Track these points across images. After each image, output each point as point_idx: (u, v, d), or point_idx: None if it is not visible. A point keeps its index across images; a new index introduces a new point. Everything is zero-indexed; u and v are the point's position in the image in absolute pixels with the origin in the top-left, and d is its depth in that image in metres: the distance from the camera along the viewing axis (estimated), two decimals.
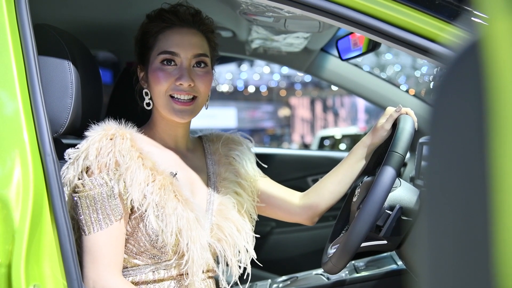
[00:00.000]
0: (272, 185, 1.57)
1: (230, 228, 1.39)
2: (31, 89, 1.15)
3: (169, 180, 1.30)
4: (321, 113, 27.35)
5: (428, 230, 0.34)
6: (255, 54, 2.60)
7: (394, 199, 1.31)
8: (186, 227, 1.28)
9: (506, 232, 0.29)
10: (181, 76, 1.34)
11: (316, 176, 2.66)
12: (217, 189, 1.45)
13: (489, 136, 0.30)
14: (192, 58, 1.36)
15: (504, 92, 0.29)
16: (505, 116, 0.29)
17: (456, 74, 0.32)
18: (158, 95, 1.36)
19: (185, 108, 1.35)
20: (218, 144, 1.53)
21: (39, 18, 1.42)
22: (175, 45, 1.36)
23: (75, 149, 1.29)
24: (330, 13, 1.15)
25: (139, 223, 1.28)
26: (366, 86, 2.55)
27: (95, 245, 1.24)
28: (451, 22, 1.11)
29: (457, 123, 0.32)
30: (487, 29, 0.30)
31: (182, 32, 1.38)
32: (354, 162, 1.48)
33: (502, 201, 0.30)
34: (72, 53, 1.36)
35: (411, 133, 1.33)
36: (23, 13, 1.17)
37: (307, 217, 1.54)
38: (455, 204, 0.33)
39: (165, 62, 1.35)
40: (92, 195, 1.24)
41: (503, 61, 0.29)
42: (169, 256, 1.30)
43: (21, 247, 1.05)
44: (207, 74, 1.39)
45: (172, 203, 1.28)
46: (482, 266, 0.30)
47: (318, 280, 1.72)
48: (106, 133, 1.28)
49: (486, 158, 0.30)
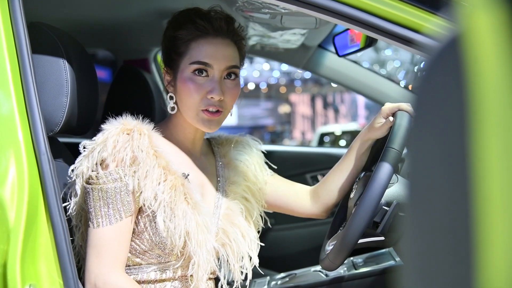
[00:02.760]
0: (281, 183, 1.58)
1: (235, 234, 1.38)
2: (25, 87, 1.15)
3: (181, 181, 1.29)
4: (322, 110, 27.36)
5: (410, 225, 0.34)
6: (252, 51, 2.60)
7: (391, 195, 1.31)
8: (194, 230, 1.26)
9: (490, 229, 0.29)
10: (213, 90, 1.31)
11: (315, 173, 2.66)
12: (225, 193, 1.45)
13: (472, 128, 0.29)
14: (224, 70, 1.33)
15: (485, 86, 0.28)
16: (486, 109, 0.29)
17: (438, 67, 0.32)
18: (188, 106, 1.33)
19: (213, 119, 1.33)
20: (228, 147, 1.53)
21: (33, 16, 1.41)
22: (209, 56, 1.32)
23: (91, 141, 1.27)
24: (318, 6, 1.15)
25: (146, 222, 1.26)
26: (364, 82, 2.54)
27: (102, 239, 1.22)
28: (435, 12, 1.11)
29: (439, 115, 0.32)
30: (469, 21, 0.30)
31: (216, 42, 1.34)
32: (354, 157, 1.49)
33: (486, 195, 0.30)
34: (67, 51, 1.36)
35: (407, 129, 1.33)
36: (17, 11, 1.17)
37: (318, 210, 1.56)
38: (437, 197, 0.33)
39: (196, 73, 1.32)
40: (105, 188, 1.22)
41: (485, 55, 0.28)
42: (173, 258, 1.30)
43: (16, 247, 1.05)
44: (236, 87, 1.37)
45: (182, 205, 1.27)
46: (465, 263, 0.30)
47: (317, 276, 1.72)
48: (124, 127, 1.26)
49: (468, 152, 0.30)
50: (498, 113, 0.29)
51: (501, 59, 0.29)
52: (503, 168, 0.30)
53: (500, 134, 0.29)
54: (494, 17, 0.29)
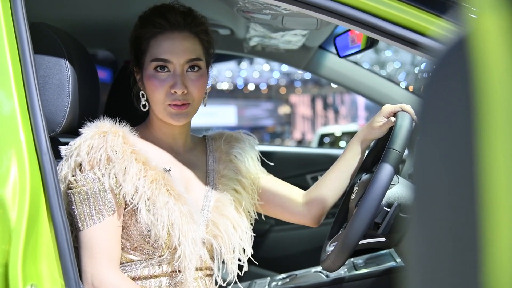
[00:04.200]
0: (275, 183, 1.56)
1: (225, 225, 1.38)
2: (27, 88, 1.15)
3: (161, 175, 1.31)
4: (322, 111, 27.35)
5: (415, 226, 0.34)
6: (253, 52, 2.60)
7: (392, 196, 1.31)
8: (178, 221, 1.28)
9: (495, 231, 0.29)
10: (175, 84, 1.34)
11: (315, 174, 2.66)
12: (215, 186, 1.45)
13: (478, 131, 0.29)
14: (184, 64, 1.36)
15: (491, 88, 0.28)
16: (492, 112, 0.29)
17: (444, 70, 0.32)
18: (155, 102, 1.37)
19: (180, 112, 1.35)
20: (220, 141, 1.53)
21: (35, 16, 1.41)
22: (167, 52, 1.35)
23: (68, 146, 1.30)
24: (319, 7, 1.15)
25: (131, 217, 1.29)
26: (365, 83, 2.54)
27: (91, 240, 1.25)
28: (440, 15, 1.10)
29: (445, 117, 0.32)
30: (475, 23, 0.30)
31: (173, 37, 1.36)
32: (350, 158, 1.48)
33: (491, 197, 0.30)
34: (68, 51, 1.36)
35: (409, 130, 1.33)
36: (19, 12, 1.17)
37: (310, 217, 1.52)
38: (443, 199, 0.33)
39: (158, 69, 1.35)
40: (85, 190, 1.25)
41: (491, 57, 0.28)
42: (162, 251, 1.30)
43: (18, 247, 1.05)
44: (200, 78, 1.38)
45: (164, 197, 1.29)
46: (472, 264, 0.30)
47: (317, 277, 1.72)
48: (99, 130, 1.29)
49: (475, 154, 0.30)
50: (505, 116, 0.29)
51: (507, 61, 0.29)
52: (508, 171, 0.30)
53: (506, 137, 0.29)
54: (500, 20, 0.29)
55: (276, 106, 26.87)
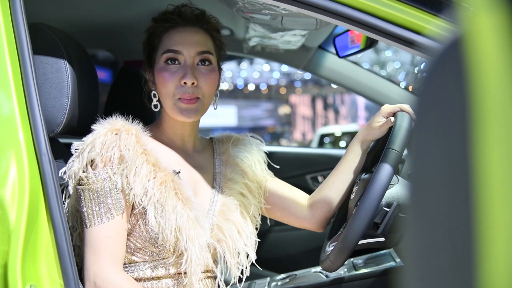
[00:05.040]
0: (282, 186, 1.56)
1: (230, 230, 1.38)
2: (27, 88, 1.15)
3: (171, 178, 1.31)
4: (322, 111, 27.34)
5: (412, 226, 0.34)
6: (253, 52, 2.60)
7: (391, 196, 1.31)
8: (186, 225, 1.28)
9: (491, 231, 0.29)
10: (185, 75, 1.34)
11: (315, 174, 2.66)
12: (221, 190, 1.45)
13: (474, 129, 0.29)
14: (195, 56, 1.37)
15: (487, 88, 0.28)
16: (488, 111, 0.29)
17: (439, 69, 0.32)
18: (165, 96, 1.36)
19: (190, 107, 1.35)
20: (228, 145, 1.53)
21: (34, 17, 1.41)
22: (178, 43, 1.36)
23: (80, 142, 1.30)
24: (318, 7, 1.15)
25: (138, 219, 1.28)
26: (365, 83, 2.54)
27: (97, 238, 1.24)
28: (437, 14, 1.11)
29: (441, 116, 0.32)
30: (471, 22, 0.30)
31: (185, 30, 1.38)
32: (351, 159, 1.48)
33: (488, 196, 0.30)
34: (68, 52, 1.36)
35: (408, 130, 1.33)
36: (18, 12, 1.17)
37: (315, 220, 1.51)
38: (439, 198, 0.33)
39: (169, 62, 1.36)
40: (95, 188, 1.25)
41: (487, 57, 0.28)
42: (167, 254, 1.30)
43: (17, 247, 1.05)
44: (211, 72, 1.38)
45: (172, 200, 1.28)
46: (468, 263, 0.30)
47: (317, 277, 1.72)
48: (112, 128, 1.29)
49: (471, 152, 0.30)
50: (500, 115, 0.29)
51: (503, 61, 0.29)
52: (504, 170, 0.30)
53: (502, 136, 0.29)
54: (496, 19, 0.29)
55: (276, 106, 26.86)
